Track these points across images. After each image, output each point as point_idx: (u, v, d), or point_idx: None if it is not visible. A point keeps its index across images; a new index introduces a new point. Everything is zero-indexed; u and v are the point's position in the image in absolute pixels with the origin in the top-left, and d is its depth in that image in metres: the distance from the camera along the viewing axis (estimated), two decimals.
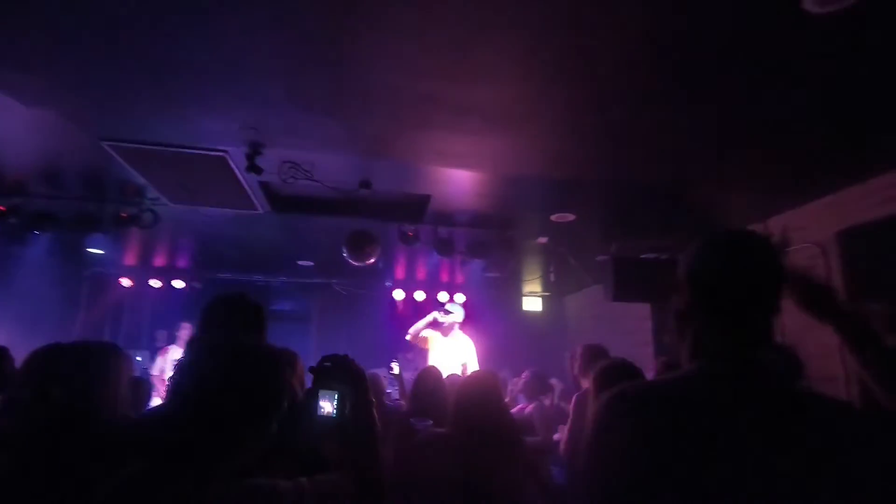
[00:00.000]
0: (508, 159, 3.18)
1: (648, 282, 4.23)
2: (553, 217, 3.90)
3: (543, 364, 4.67)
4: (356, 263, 3.97)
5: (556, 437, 3.35)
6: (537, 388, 3.69)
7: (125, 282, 6.16)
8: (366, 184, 3.50)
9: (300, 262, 5.91)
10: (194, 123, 2.84)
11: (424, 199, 3.80)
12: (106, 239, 4.67)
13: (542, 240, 4.38)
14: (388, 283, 6.49)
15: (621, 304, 4.65)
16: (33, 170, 3.60)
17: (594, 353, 3.03)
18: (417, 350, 4.78)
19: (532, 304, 6.84)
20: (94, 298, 6.25)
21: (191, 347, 1.05)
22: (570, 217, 3.87)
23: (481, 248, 4.20)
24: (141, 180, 3.52)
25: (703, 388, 0.88)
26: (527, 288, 6.68)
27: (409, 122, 2.77)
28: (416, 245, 4.07)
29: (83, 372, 1.71)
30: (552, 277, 5.39)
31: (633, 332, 5.29)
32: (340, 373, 1.06)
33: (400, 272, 6.20)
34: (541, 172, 3.33)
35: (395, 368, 4.20)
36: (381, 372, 4.40)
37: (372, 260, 3.96)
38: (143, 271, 6.18)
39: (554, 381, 3.95)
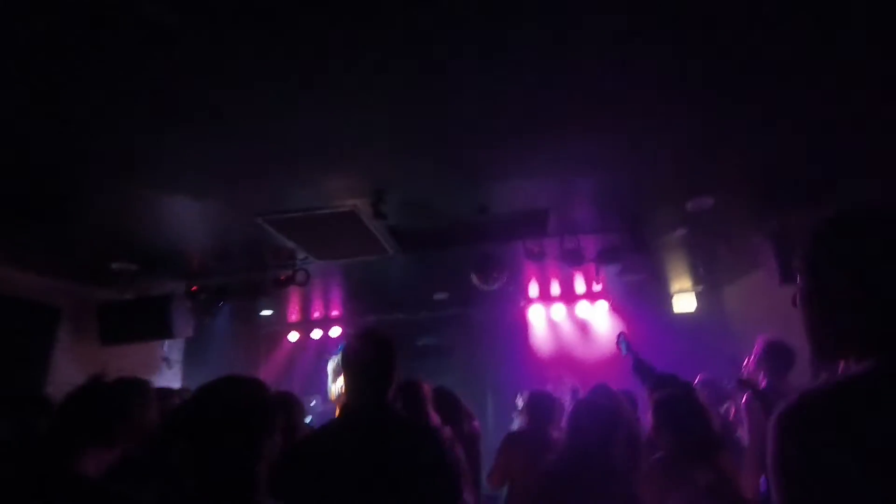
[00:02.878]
0: (625, 157, 3.00)
1: None
2: (688, 205, 3.54)
3: (704, 369, 4.22)
4: (486, 287, 4.01)
5: None
6: None
7: (293, 336, 6.96)
8: (482, 208, 3.55)
9: (436, 296, 6.15)
10: (323, 186, 3.17)
11: (543, 213, 3.74)
12: (272, 301, 5.38)
13: (681, 232, 4.00)
14: (521, 303, 6.43)
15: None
16: (211, 253, 4.29)
17: (776, 352, 2.64)
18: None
19: (684, 303, 6.23)
20: (270, 353, 7.14)
21: None
22: (709, 202, 3.48)
23: (612, 253, 3.97)
24: (290, 244, 3.99)
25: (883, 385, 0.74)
26: (675, 286, 6.11)
27: (508, 141, 2.77)
28: (544, 260, 3.99)
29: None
30: (700, 271, 4.87)
31: None
32: None
33: (533, 290, 6.11)
34: (664, 162, 3.08)
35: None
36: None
37: (501, 282, 3.97)
38: (305, 325, 6.93)
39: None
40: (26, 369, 3.97)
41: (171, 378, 5.38)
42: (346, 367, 1.73)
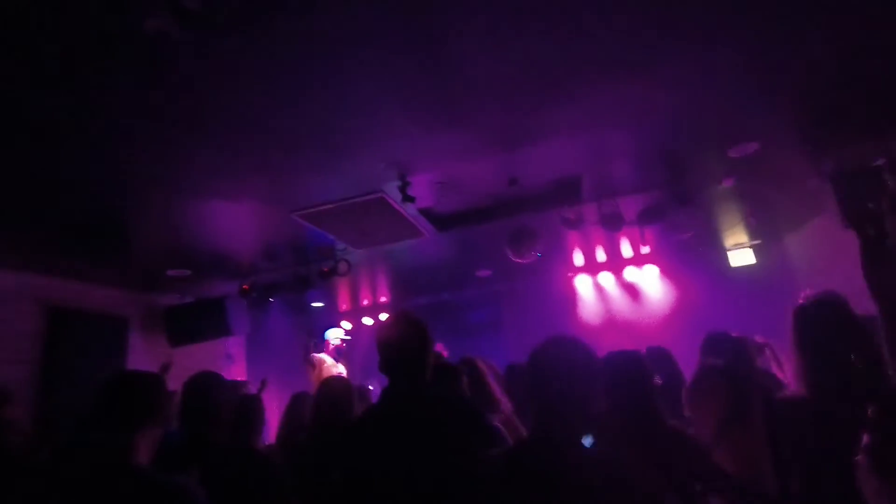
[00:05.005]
0: (655, 107, 2.83)
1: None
2: (731, 152, 3.32)
3: (769, 327, 3.95)
4: (522, 260, 3.96)
5: None
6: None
7: (345, 325, 7.16)
8: (513, 181, 3.49)
9: (479, 273, 6.13)
10: (349, 175, 3.21)
11: (576, 179, 3.62)
12: (320, 293, 5.56)
13: (727, 182, 3.75)
14: (569, 274, 6.30)
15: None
16: (257, 253, 4.48)
17: None
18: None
19: (741, 257, 5.89)
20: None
21: None
22: (753, 146, 3.24)
23: (654, 212, 3.79)
24: (328, 237, 4.09)
25: None
26: (730, 240, 5.78)
27: (527, 104, 2.67)
28: (581, 227, 3.88)
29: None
30: (753, 222, 4.57)
31: None
32: None
33: (578, 259, 5.97)
34: (700, 108, 2.88)
35: None
36: None
37: (536, 253, 3.90)
38: (356, 313, 7.12)
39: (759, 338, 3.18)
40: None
41: (236, 372, 5.70)
42: (380, 353, 1.75)
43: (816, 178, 3.57)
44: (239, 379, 5.36)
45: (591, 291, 6.26)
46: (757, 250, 5.90)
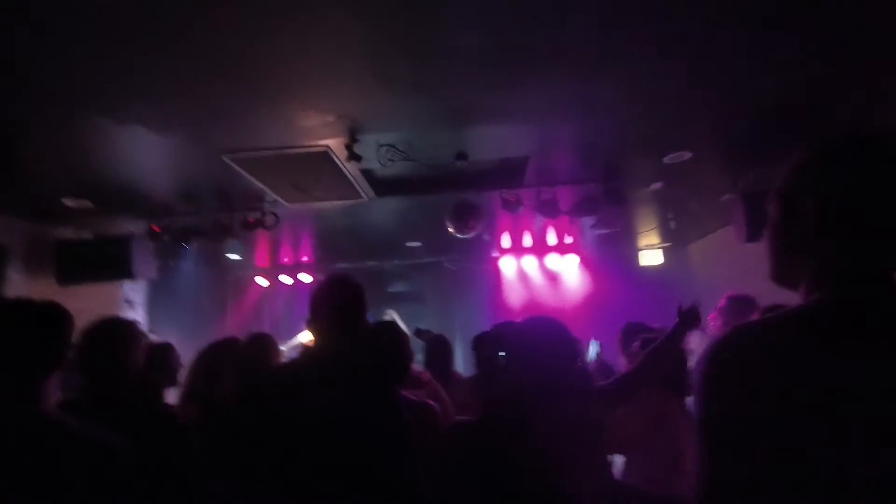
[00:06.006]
0: (608, 104, 2.92)
1: None
2: (666, 159, 3.53)
3: (668, 321, 4.30)
4: (461, 235, 3.98)
5: None
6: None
7: (262, 281, 6.84)
8: (462, 156, 3.46)
9: (409, 244, 6.09)
10: (294, 123, 3.00)
11: (522, 162, 3.67)
12: (239, 244, 5.23)
13: (656, 185, 4.01)
14: (494, 254, 6.46)
15: (759, 244, 4.13)
16: (174, 192, 4.08)
17: (742, 305, 2.72)
18: None
19: (650, 257, 6.38)
20: (238, 299, 7.02)
21: None
22: (686, 156, 3.48)
23: (588, 205, 3.97)
24: (259, 186, 3.82)
25: (832, 318, 0.68)
26: (643, 241, 6.23)
27: (494, 83, 2.65)
28: (520, 210, 3.96)
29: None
30: (673, 225, 4.95)
31: None
32: None
33: (506, 241, 6.13)
34: (646, 112, 3.02)
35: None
36: None
37: (476, 230, 3.94)
38: (274, 270, 6.81)
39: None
40: None
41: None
42: (314, 312, 1.68)
43: (731, 193, 3.91)
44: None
45: (514, 273, 6.47)
46: (665, 252, 6.42)
